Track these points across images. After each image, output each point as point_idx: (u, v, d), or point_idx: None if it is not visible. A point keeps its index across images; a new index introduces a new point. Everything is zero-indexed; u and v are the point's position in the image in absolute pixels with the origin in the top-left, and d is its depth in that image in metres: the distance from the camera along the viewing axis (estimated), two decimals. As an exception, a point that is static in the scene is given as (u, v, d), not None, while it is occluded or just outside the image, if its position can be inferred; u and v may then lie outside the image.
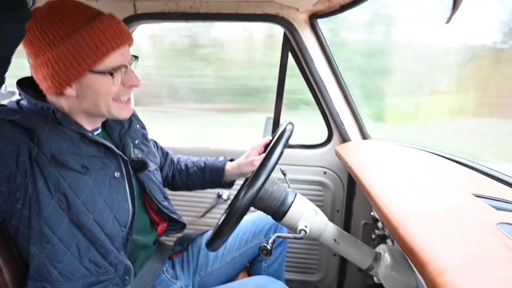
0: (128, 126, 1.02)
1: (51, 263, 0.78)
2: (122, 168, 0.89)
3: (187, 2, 1.44)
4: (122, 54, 0.81)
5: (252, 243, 1.20)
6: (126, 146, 0.97)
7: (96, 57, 0.75)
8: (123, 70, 0.81)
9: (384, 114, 3.25)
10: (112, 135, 0.97)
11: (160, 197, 1.04)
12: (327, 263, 1.70)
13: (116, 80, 0.80)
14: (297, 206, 0.88)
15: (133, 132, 1.03)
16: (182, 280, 1.09)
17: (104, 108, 0.83)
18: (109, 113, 0.84)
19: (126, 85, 0.84)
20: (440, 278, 0.51)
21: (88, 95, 0.80)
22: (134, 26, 1.55)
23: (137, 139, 1.03)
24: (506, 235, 0.64)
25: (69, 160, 0.78)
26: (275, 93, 1.58)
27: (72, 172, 0.79)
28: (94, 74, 0.77)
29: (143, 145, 1.05)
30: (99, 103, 0.82)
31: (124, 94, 0.85)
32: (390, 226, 0.72)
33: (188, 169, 1.24)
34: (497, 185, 1.02)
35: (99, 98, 0.81)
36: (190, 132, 3.91)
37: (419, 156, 1.33)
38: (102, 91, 0.80)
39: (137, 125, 1.07)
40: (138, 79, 0.85)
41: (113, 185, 0.86)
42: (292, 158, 1.60)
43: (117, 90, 0.82)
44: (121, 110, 0.86)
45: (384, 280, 0.83)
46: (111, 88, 0.81)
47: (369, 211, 1.55)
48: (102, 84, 0.79)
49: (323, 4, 1.31)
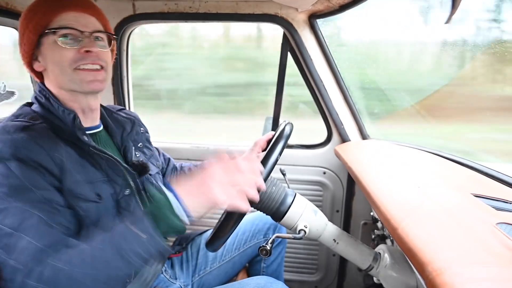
0: (131, 129, 1.01)
1: None
2: (130, 183, 0.88)
3: (186, 2, 1.44)
4: (75, 19, 0.80)
5: (251, 243, 1.20)
6: (127, 149, 0.97)
7: (43, 16, 0.79)
8: (78, 35, 0.80)
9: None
10: (115, 137, 0.96)
11: None
12: (326, 263, 1.70)
13: (71, 42, 0.79)
14: (297, 206, 0.87)
15: (135, 135, 1.02)
16: (181, 280, 1.09)
17: (66, 78, 0.81)
18: (72, 82, 0.81)
19: (81, 51, 0.80)
20: (439, 278, 0.51)
21: (49, 65, 0.81)
22: (134, 26, 1.55)
23: (140, 142, 1.02)
24: (505, 235, 0.64)
25: (85, 191, 0.77)
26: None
27: (88, 202, 0.77)
28: (47, 37, 0.79)
29: (146, 149, 1.04)
30: (57, 71, 0.81)
31: (82, 60, 0.81)
32: (389, 226, 0.72)
33: (192, 172, 1.23)
34: (496, 185, 1.02)
35: (57, 67, 0.80)
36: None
37: (419, 156, 1.33)
38: (54, 56, 0.80)
39: (140, 128, 1.06)
40: (95, 46, 0.82)
41: (123, 204, 0.84)
42: (291, 158, 1.60)
43: (73, 56, 0.79)
44: (84, 82, 0.81)
45: (383, 280, 0.83)
46: (63, 52, 0.79)
47: (368, 211, 1.55)
48: (55, 49, 0.79)
49: (322, 4, 1.31)
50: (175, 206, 0.64)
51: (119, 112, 1.05)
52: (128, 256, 0.62)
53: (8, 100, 1.48)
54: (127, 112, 1.09)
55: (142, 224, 0.63)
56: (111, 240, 0.64)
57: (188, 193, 0.66)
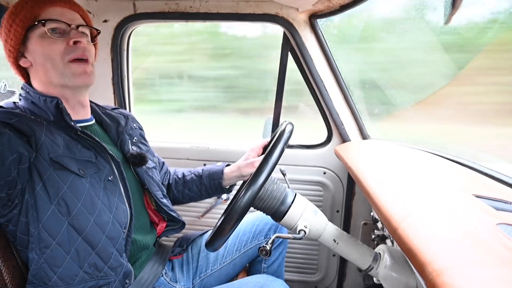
0: (125, 123, 1.02)
1: (50, 268, 0.78)
2: (114, 171, 0.89)
3: (186, 2, 1.44)
4: (61, 14, 0.83)
5: (252, 243, 1.20)
6: (124, 142, 0.97)
7: (29, 10, 0.79)
8: (65, 28, 0.82)
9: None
10: (110, 131, 0.98)
11: (159, 194, 1.04)
12: (326, 263, 1.70)
13: (59, 34, 0.81)
14: (297, 206, 0.87)
15: (130, 130, 1.03)
16: (181, 283, 1.09)
17: (55, 70, 0.82)
18: (63, 75, 0.83)
19: (70, 42, 0.82)
20: (439, 279, 0.51)
21: (37, 60, 0.82)
22: (134, 26, 1.55)
23: (135, 137, 1.04)
24: (505, 235, 0.64)
25: (67, 162, 0.78)
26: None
27: (71, 174, 0.79)
28: (33, 31, 0.80)
29: (141, 144, 1.06)
30: (47, 65, 0.82)
31: (72, 52, 0.83)
32: (389, 226, 0.72)
33: (185, 177, 1.22)
34: (497, 186, 1.02)
35: (46, 60, 0.81)
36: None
37: (419, 156, 1.32)
38: (44, 50, 0.81)
39: (134, 125, 1.08)
40: (82, 37, 0.83)
41: (108, 188, 0.86)
42: (291, 158, 1.60)
43: (63, 48, 0.82)
44: (75, 75, 0.84)
45: (383, 281, 0.83)
46: (52, 46, 0.81)
47: (368, 211, 1.55)
48: (43, 42, 0.80)
49: (323, 4, 1.31)
50: None
51: (112, 110, 1.07)
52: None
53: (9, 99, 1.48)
54: (121, 111, 1.11)
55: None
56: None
57: None
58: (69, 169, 0.78)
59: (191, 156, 1.68)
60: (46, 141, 0.77)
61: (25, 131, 0.75)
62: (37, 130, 0.76)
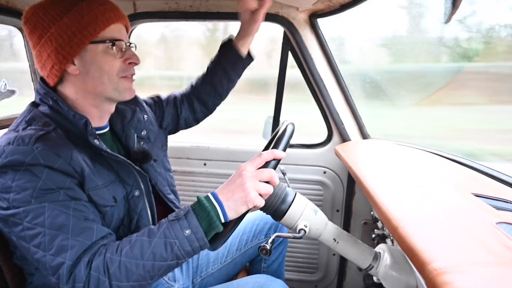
0: (131, 116, 0.99)
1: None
2: (140, 184, 0.89)
3: (187, 1, 1.44)
4: (119, 31, 0.83)
5: (253, 243, 1.20)
6: (129, 137, 0.96)
7: (97, 25, 0.77)
8: (123, 46, 0.82)
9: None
10: (115, 126, 0.95)
11: (166, 189, 1.03)
12: (326, 262, 1.70)
13: (117, 52, 0.81)
14: (297, 205, 0.87)
15: (137, 123, 1.00)
16: (180, 282, 1.08)
17: (110, 85, 0.82)
18: (115, 90, 0.83)
19: (126, 62, 0.83)
20: (439, 278, 0.51)
21: (91, 71, 0.80)
22: (134, 25, 1.55)
23: (143, 130, 1.01)
24: (505, 234, 0.64)
25: (105, 196, 0.79)
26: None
27: (106, 207, 0.79)
28: (96, 45, 0.79)
29: (150, 133, 1.04)
30: (104, 79, 0.81)
31: (127, 71, 0.85)
32: (389, 225, 0.73)
33: (198, 81, 1.19)
34: (497, 185, 1.02)
35: (103, 74, 0.81)
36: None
37: (419, 156, 1.33)
38: (104, 65, 0.80)
39: (143, 116, 1.04)
40: (138, 57, 0.85)
41: (131, 205, 0.86)
42: (292, 158, 1.60)
43: (120, 66, 0.82)
44: (126, 90, 0.85)
45: (383, 280, 0.83)
46: (113, 63, 0.81)
47: (368, 211, 1.55)
48: (104, 58, 0.80)
49: (323, 4, 1.31)
50: (218, 208, 0.73)
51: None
52: (173, 248, 0.70)
53: (9, 98, 1.48)
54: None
55: (186, 221, 0.71)
56: (158, 233, 0.71)
57: (227, 197, 0.74)
58: (105, 204, 0.79)
59: (191, 155, 1.68)
60: (87, 174, 0.76)
61: (70, 173, 0.74)
62: (76, 166, 0.75)
